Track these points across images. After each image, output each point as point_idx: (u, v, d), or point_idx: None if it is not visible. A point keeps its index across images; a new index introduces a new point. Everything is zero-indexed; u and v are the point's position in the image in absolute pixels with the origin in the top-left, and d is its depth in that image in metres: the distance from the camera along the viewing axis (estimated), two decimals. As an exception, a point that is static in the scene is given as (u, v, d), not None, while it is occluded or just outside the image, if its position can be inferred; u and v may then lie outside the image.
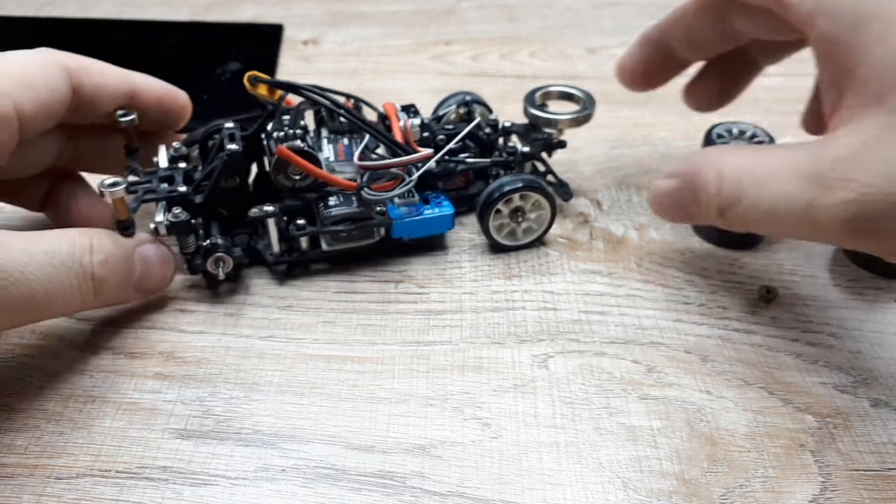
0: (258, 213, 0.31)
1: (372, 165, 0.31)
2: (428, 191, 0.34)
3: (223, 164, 0.31)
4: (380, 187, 0.31)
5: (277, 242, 0.32)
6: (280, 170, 0.31)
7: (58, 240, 0.26)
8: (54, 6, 0.59)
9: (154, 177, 0.32)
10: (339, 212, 0.32)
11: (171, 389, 0.28)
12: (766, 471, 0.25)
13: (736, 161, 0.28)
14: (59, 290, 0.26)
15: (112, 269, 0.28)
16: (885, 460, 0.26)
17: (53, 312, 0.27)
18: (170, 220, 0.30)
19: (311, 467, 0.25)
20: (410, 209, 0.33)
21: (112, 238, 0.29)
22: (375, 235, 0.33)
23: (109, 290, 0.28)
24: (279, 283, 0.33)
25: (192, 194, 0.32)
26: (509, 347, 0.30)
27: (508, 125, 0.37)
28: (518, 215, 0.34)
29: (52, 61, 0.30)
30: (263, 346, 0.30)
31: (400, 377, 0.29)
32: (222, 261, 0.31)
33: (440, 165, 0.34)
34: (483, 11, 0.59)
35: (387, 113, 0.34)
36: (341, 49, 0.54)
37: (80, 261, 0.27)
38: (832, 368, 0.29)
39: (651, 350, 0.30)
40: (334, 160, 0.33)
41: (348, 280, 0.33)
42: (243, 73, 0.31)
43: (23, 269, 0.25)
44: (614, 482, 0.25)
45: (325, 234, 0.32)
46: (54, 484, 0.25)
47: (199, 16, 0.58)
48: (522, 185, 0.33)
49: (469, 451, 0.26)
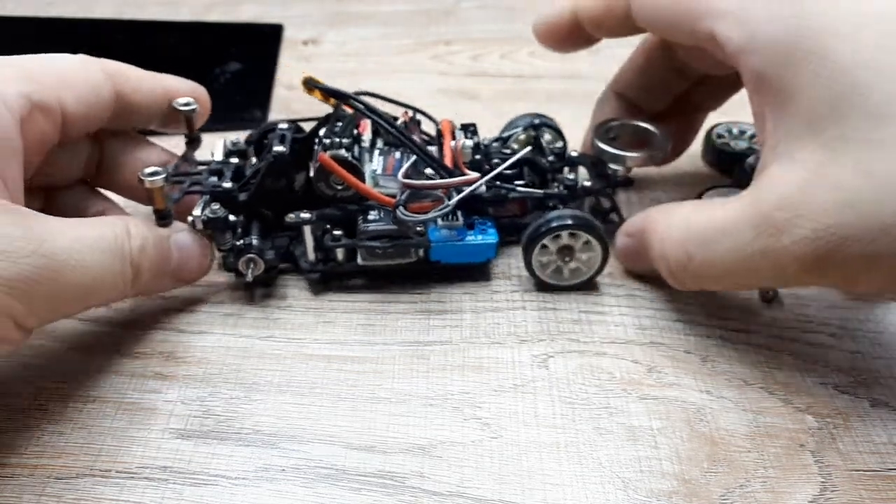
0: (294, 218, 0.31)
1: (413, 184, 0.30)
2: (477, 216, 0.33)
3: (268, 166, 0.31)
4: (419, 208, 0.30)
5: (313, 251, 0.32)
6: (322, 177, 0.31)
7: (102, 226, 0.27)
8: (54, 6, 0.59)
9: (205, 169, 0.32)
10: (377, 227, 0.31)
11: (171, 389, 0.28)
12: (766, 471, 0.25)
13: (677, 223, 0.28)
14: (107, 276, 0.26)
15: (149, 255, 0.28)
16: (885, 460, 0.26)
17: (100, 299, 0.27)
18: (207, 216, 0.30)
19: (311, 467, 0.25)
20: (452, 233, 0.32)
21: (147, 225, 0.29)
22: (413, 255, 0.32)
23: (146, 277, 0.28)
24: (314, 293, 0.32)
25: (237, 191, 0.31)
26: (509, 347, 0.30)
27: (575, 155, 0.35)
28: (566, 254, 0.32)
29: (95, 65, 0.30)
30: (263, 346, 0.30)
31: (400, 377, 0.29)
32: (253, 262, 0.31)
33: (490, 191, 0.33)
34: (483, 11, 0.59)
35: (442, 130, 0.33)
36: (341, 49, 0.54)
37: (121, 247, 0.27)
38: (832, 368, 0.29)
39: (651, 350, 0.30)
40: (381, 173, 0.32)
41: (382, 300, 0.32)
42: (243, 73, 0.31)
43: (77, 257, 0.25)
44: (614, 482, 0.25)
45: (361, 249, 0.31)
46: (54, 484, 0.25)
47: (199, 16, 0.58)
48: (571, 222, 0.31)
49: (469, 451, 0.26)
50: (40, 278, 0.24)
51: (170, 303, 0.32)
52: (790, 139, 0.25)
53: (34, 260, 0.23)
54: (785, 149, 0.25)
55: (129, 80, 0.31)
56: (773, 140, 0.25)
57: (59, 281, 0.24)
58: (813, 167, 0.24)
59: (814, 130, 0.24)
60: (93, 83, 0.29)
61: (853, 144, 0.23)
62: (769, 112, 0.26)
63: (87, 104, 0.29)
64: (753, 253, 0.25)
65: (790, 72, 0.24)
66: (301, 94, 0.32)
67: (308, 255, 0.32)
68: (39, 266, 0.23)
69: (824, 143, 0.24)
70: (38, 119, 0.27)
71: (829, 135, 0.24)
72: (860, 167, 0.23)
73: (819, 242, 0.23)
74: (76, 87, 0.29)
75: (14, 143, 0.26)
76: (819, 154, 0.24)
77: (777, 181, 0.25)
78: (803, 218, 0.24)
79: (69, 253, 0.25)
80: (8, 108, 0.26)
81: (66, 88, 0.28)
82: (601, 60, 0.52)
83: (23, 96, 0.26)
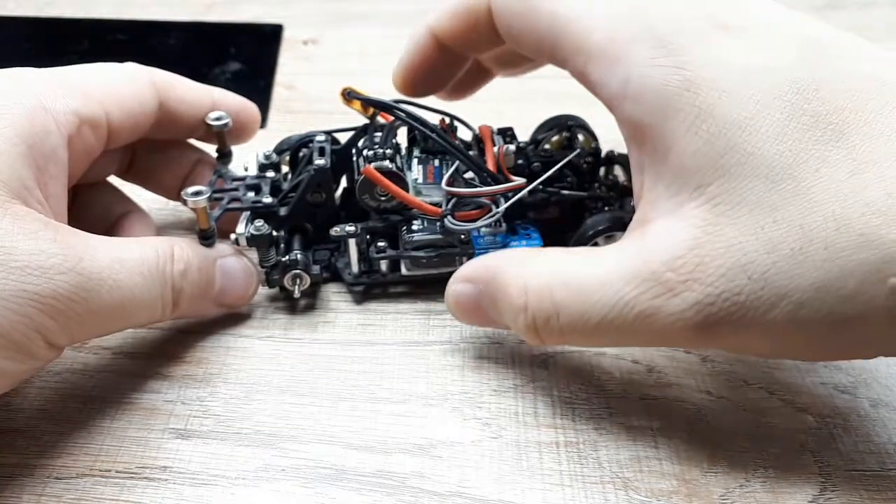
0: (339, 232, 0.30)
1: (461, 192, 0.30)
2: (518, 220, 0.32)
3: (309, 179, 0.31)
4: (465, 216, 0.30)
5: (357, 263, 0.31)
6: (366, 190, 0.30)
7: (145, 247, 0.26)
8: (54, 6, 0.59)
9: (241, 184, 0.32)
10: (422, 237, 0.31)
11: (171, 389, 0.28)
12: (766, 471, 0.25)
13: (543, 270, 0.25)
14: (146, 299, 0.26)
15: (191, 279, 0.27)
16: (885, 460, 0.26)
17: (137, 322, 0.27)
18: (251, 233, 0.30)
19: (311, 467, 0.25)
20: (496, 239, 0.31)
21: (193, 248, 0.28)
22: (457, 264, 0.31)
23: (187, 302, 0.28)
24: (356, 302, 0.32)
25: (278, 206, 0.31)
26: (509, 347, 0.30)
27: (614, 154, 0.34)
28: None
29: (142, 75, 0.30)
30: (263, 346, 0.30)
31: (400, 377, 0.29)
32: (299, 278, 0.30)
33: (532, 196, 0.32)
34: (483, 11, 0.59)
35: (482, 136, 0.33)
36: (341, 49, 0.54)
37: (163, 270, 0.26)
38: (832, 368, 0.29)
39: (651, 350, 0.30)
40: (422, 182, 0.32)
41: (382, 300, 0.32)
42: (243, 73, 0.31)
43: (115, 277, 0.24)
44: (614, 482, 0.25)
45: (405, 259, 0.31)
46: (54, 484, 0.25)
47: (199, 16, 0.58)
48: (610, 224, 0.30)
49: (469, 451, 0.26)
50: (75, 297, 0.23)
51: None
52: (671, 193, 0.23)
53: (70, 278, 0.23)
54: (668, 204, 0.23)
55: (175, 91, 0.31)
56: (653, 194, 0.24)
57: (95, 301, 0.24)
58: (702, 225, 0.22)
59: (697, 186, 0.22)
60: (139, 95, 0.29)
61: (745, 207, 0.21)
62: (648, 163, 0.24)
63: (132, 115, 0.29)
64: (634, 313, 0.23)
65: (670, 124, 0.23)
66: (301, 95, 0.32)
67: (352, 268, 0.32)
68: (75, 284, 0.23)
69: (710, 199, 0.22)
70: (85, 134, 0.27)
71: (714, 192, 0.22)
72: (755, 230, 0.21)
73: (711, 308, 0.22)
74: (123, 100, 0.28)
75: (60, 161, 0.26)
76: (707, 212, 0.22)
77: (665, 238, 0.23)
78: (696, 282, 0.22)
79: (108, 273, 0.24)
80: (57, 125, 0.26)
81: (113, 101, 0.28)
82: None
83: (71, 112, 0.26)
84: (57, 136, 0.26)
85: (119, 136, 0.29)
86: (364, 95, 0.31)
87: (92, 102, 0.27)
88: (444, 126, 0.34)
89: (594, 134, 0.35)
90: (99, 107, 0.27)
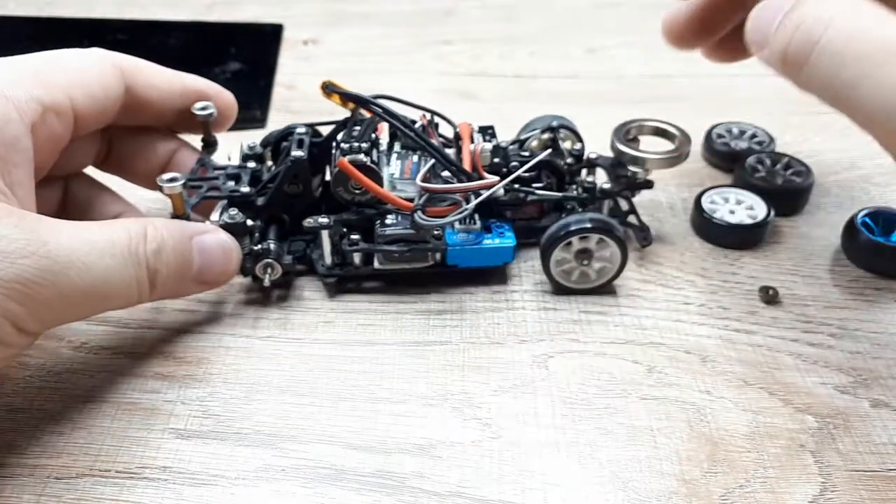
0: (313, 223, 0.31)
1: (432, 188, 0.30)
2: (494, 219, 0.33)
3: (286, 170, 0.31)
4: (436, 212, 0.30)
5: (330, 255, 0.32)
6: (340, 182, 0.31)
7: (115, 229, 0.26)
8: (54, 6, 0.59)
9: (223, 173, 0.32)
10: (394, 231, 0.31)
11: (171, 389, 0.28)
12: (766, 471, 0.25)
13: None
14: (119, 281, 0.25)
15: (166, 259, 0.27)
16: (885, 460, 0.26)
17: (114, 305, 0.26)
18: (225, 221, 0.30)
19: (311, 467, 0.25)
20: (469, 237, 0.32)
21: (168, 227, 0.28)
22: (430, 259, 0.32)
23: (164, 282, 0.27)
24: (329, 295, 0.32)
25: (255, 196, 0.32)
26: (509, 347, 0.30)
27: (594, 157, 0.34)
28: (584, 258, 0.31)
29: (107, 61, 0.29)
30: (263, 346, 0.30)
31: (400, 377, 0.29)
32: (271, 267, 0.31)
33: (508, 194, 0.32)
34: (483, 11, 0.59)
35: (460, 133, 0.33)
36: (341, 49, 0.54)
37: (135, 251, 0.26)
38: (832, 368, 0.29)
39: (651, 350, 0.30)
40: (399, 177, 0.32)
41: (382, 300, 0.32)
42: (243, 73, 0.31)
43: (84, 259, 0.24)
44: (614, 482, 0.25)
45: (378, 253, 0.31)
46: (54, 484, 0.25)
47: (199, 16, 0.58)
48: (591, 226, 0.30)
49: (469, 451, 0.26)
50: (42, 281, 0.23)
51: (169, 303, 0.32)
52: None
53: (34, 261, 0.23)
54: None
55: (142, 75, 0.30)
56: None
57: (63, 284, 0.24)
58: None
59: None
60: (104, 80, 0.29)
61: None
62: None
63: (98, 101, 0.29)
64: None
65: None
66: (301, 94, 0.32)
67: (325, 259, 0.32)
68: (40, 268, 0.23)
69: None
70: (50, 121, 0.27)
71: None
72: None
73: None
74: (88, 85, 0.28)
75: (23, 149, 0.26)
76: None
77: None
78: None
79: (76, 255, 0.24)
80: (19, 113, 0.26)
81: (78, 87, 0.28)
82: (600, 60, 0.52)
83: (34, 100, 0.26)
84: (18, 123, 0.25)
85: (86, 123, 0.29)
86: (342, 89, 0.32)
87: (55, 89, 0.27)
88: (425, 122, 0.34)
89: (579, 135, 0.35)
90: (62, 93, 0.27)
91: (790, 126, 0.43)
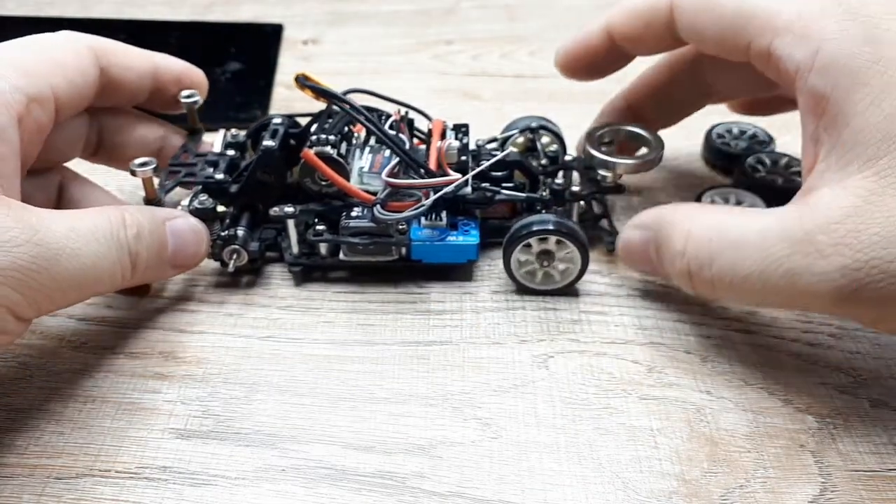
0: (278, 212, 0.31)
1: (393, 183, 0.30)
2: (462, 217, 0.33)
3: (258, 159, 0.32)
4: (399, 206, 0.30)
5: (296, 244, 0.32)
6: (307, 173, 0.32)
7: (97, 216, 0.27)
8: (54, 6, 0.59)
9: (202, 160, 0.33)
10: (358, 224, 0.31)
11: (171, 389, 0.28)
12: (766, 471, 0.25)
13: (707, 222, 0.27)
14: (105, 265, 0.26)
15: (146, 243, 0.28)
16: (885, 460, 0.26)
17: (100, 288, 0.27)
18: (195, 206, 0.31)
19: (311, 467, 0.25)
20: (434, 233, 0.32)
21: (143, 213, 0.28)
22: (394, 253, 0.32)
23: (144, 265, 0.28)
24: (296, 284, 0.33)
25: (230, 183, 0.32)
26: (509, 347, 0.30)
27: (570, 160, 0.34)
28: (545, 259, 0.31)
29: (81, 43, 0.30)
30: (263, 346, 0.30)
31: (400, 377, 0.29)
32: (237, 253, 0.31)
33: (475, 193, 0.33)
34: (483, 11, 0.59)
35: (432, 130, 0.33)
36: (341, 49, 0.54)
37: (117, 235, 0.27)
38: (832, 368, 0.29)
39: (651, 350, 0.30)
40: (367, 170, 0.33)
41: (382, 300, 0.32)
42: (243, 72, 0.32)
43: (73, 245, 0.25)
44: (614, 482, 0.25)
45: (343, 244, 0.32)
46: (54, 484, 0.25)
47: (199, 16, 0.58)
48: (551, 228, 0.30)
49: (469, 451, 0.26)
50: (36, 267, 0.23)
51: (169, 303, 0.32)
52: (841, 165, 0.24)
53: (28, 249, 0.23)
54: (837, 174, 0.24)
55: (116, 56, 0.31)
56: (824, 164, 0.24)
57: (56, 270, 0.24)
58: (864, 195, 0.23)
59: (869, 158, 0.23)
60: (81, 64, 0.29)
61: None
62: (824, 135, 0.25)
63: (77, 86, 0.29)
64: (782, 271, 0.24)
65: (854, 97, 0.23)
66: (301, 94, 0.32)
67: (292, 248, 0.32)
68: (34, 255, 0.23)
69: (878, 172, 0.23)
70: (35, 111, 0.27)
71: (885, 164, 0.23)
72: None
73: (857, 274, 0.22)
74: (67, 71, 0.28)
75: (11, 141, 0.26)
76: (873, 183, 0.23)
77: (826, 204, 0.24)
78: (846, 247, 0.23)
79: (65, 241, 0.25)
80: (5, 106, 0.26)
81: (57, 73, 0.28)
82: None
83: (19, 91, 0.26)
84: (5, 116, 0.26)
85: (66, 109, 0.29)
86: (314, 83, 0.32)
87: (38, 79, 0.27)
88: (398, 117, 0.34)
89: (561, 136, 0.35)
90: (45, 82, 0.27)
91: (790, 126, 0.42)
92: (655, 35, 0.31)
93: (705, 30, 0.28)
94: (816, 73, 0.24)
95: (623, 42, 0.32)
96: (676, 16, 0.29)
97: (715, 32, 0.28)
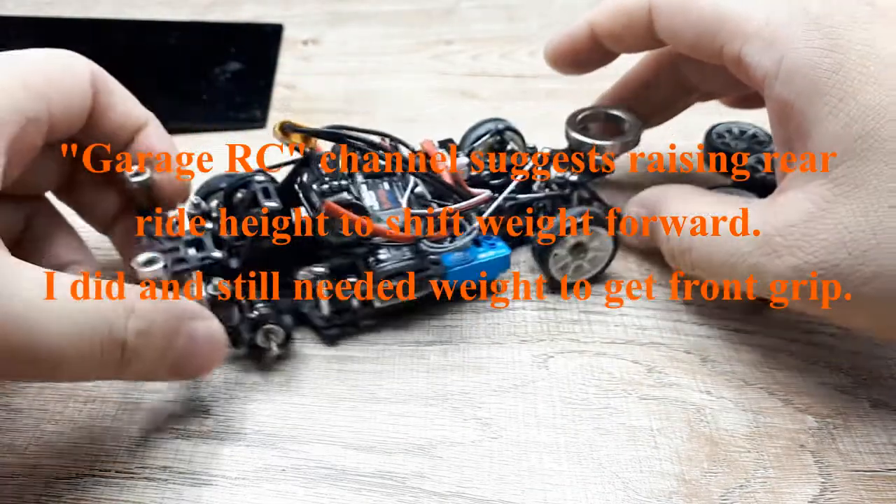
0: (308, 275, 0.28)
1: (460, 208, 0.29)
2: None
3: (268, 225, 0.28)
4: (435, 236, 0.29)
5: (328, 304, 0.29)
6: (330, 226, 0.28)
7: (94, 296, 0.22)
8: (54, 6, 0.59)
9: (179, 242, 0.28)
10: (394, 266, 0.29)
11: (171, 389, 0.28)
12: (766, 471, 0.25)
13: (692, 210, 0.29)
14: (79, 353, 0.22)
15: (151, 342, 0.23)
16: (885, 460, 0.26)
17: (72, 376, 0.23)
18: (209, 293, 0.27)
19: (311, 467, 0.25)
20: (465, 254, 0.30)
21: (162, 304, 0.24)
22: (431, 287, 0.30)
23: (141, 365, 0.23)
24: (330, 345, 0.30)
25: (227, 259, 0.28)
26: (509, 347, 0.30)
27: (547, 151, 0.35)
28: (579, 251, 0.32)
29: (82, 68, 0.27)
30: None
31: (400, 377, 0.29)
32: (273, 333, 0.28)
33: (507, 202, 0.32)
34: (483, 11, 0.59)
35: (427, 151, 0.31)
36: (341, 49, 0.54)
37: (110, 324, 0.22)
38: (832, 368, 0.29)
39: (651, 350, 0.30)
40: (379, 209, 0.30)
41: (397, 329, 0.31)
42: (243, 73, 0.31)
43: (44, 322, 0.21)
44: (614, 482, 0.25)
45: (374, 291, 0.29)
46: (54, 484, 0.25)
47: (199, 16, 0.58)
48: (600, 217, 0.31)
49: (469, 451, 0.26)
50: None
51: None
52: (805, 170, 0.25)
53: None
54: (802, 179, 0.25)
55: (110, 95, 0.28)
56: (793, 164, 0.26)
57: (10, 343, 0.20)
58: (819, 202, 0.24)
59: (826, 166, 0.24)
60: (81, 90, 0.27)
61: (864, 189, 0.23)
62: (796, 140, 0.26)
63: (69, 109, 0.26)
64: (746, 266, 0.26)
65: (815, 106, 0.24)
66: (301, 94, 0.32)
67: (323, 311, 0.30)
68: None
69: (833, 180, 0.24)
70: (28, 131, 0.24)
71: (840, 174, 0.24)
72: (866, 212, 0.23)
73: (806, 275, 0.24)
74: (63, 90, 0.26)
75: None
76: (827, 191, 0.24)
77: (785, 208, 0.25)
78: (798, 249, 0.24)
79: (34, 315, 0.21)
80: None
81: (54, 92, 0.25)
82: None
83: (17, 112, 0.24)
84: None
85: (58, 130, 0.26)
86: (304, 127, 0.29)
87: (35, 97, 0.25)
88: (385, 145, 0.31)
89: (521, 135, 0.36)
90: (41, 100, 0.25)
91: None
92: (636, 35, 0.31)
93: (682, 32, 0.29)
94: (781, 81, 0.25)
95: (605, 40, 0.33)
96: (654, 17, 0.30)
97: (691, 35, 0.28)
